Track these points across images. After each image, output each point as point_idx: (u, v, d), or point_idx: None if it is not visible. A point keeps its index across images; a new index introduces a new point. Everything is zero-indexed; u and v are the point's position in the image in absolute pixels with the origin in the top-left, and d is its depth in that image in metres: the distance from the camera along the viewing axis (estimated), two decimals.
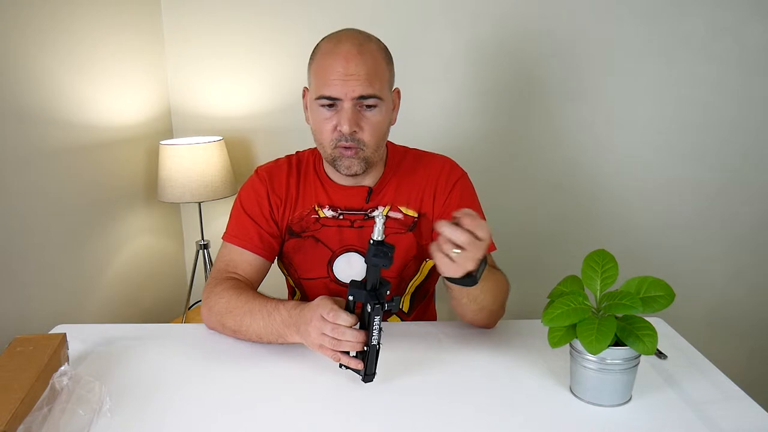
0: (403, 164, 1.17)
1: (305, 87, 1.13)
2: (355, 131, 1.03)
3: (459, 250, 0.81)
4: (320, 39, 1.09)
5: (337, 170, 1.08)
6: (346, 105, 1.02)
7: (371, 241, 0.83)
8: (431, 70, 1.85)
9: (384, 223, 0.82)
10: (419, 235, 1.15)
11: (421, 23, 1.82)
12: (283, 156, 1.22)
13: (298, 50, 1.86)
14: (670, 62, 1.79)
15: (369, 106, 1.04)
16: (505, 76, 1.85)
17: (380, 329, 0.86)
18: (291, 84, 1.89)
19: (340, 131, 1.03)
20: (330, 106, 1.03)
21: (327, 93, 1.02)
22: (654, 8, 1.76)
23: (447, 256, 0.82)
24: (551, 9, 1.78)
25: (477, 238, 0.81)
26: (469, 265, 0.84)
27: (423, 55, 1.83)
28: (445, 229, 0.81)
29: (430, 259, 1.18)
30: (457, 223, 0.82)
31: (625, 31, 1.78)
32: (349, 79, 1.00)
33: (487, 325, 1.08)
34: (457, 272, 0.85)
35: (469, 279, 0.87)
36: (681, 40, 1.78)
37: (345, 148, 1.04)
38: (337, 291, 1.15)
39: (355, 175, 1.08)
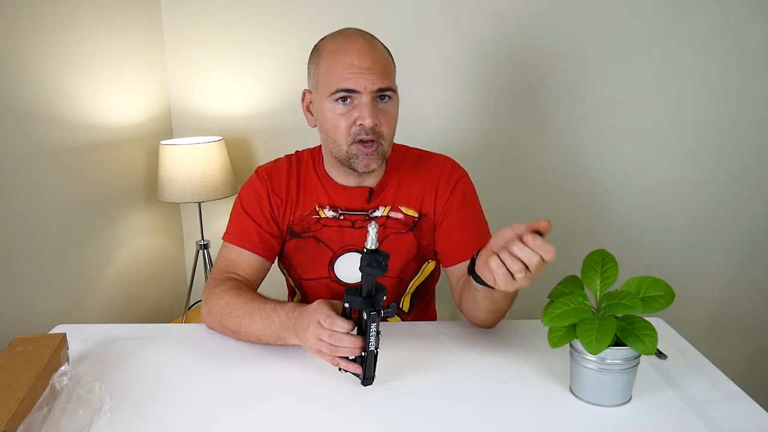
0: (403, 164, 1.17)
1: (305, 90, 1.12)
2: (376, 124, 1.03)
3: (524, 273, 0.80)
4: (319, 40, 1.09)
5: (353, 168, 1.07)
6: (365, 98, 1.02)
7: (365, 250, 0.82)
8: (431, 69, 1.85)
9: (377, 232, 0.82)
10: (420, 235, 1.15)
11: (421, 23, 1.82)
12: (282, 156, 1.22)
13: (298, 50, 1.86)
14: (670, 62, 1.79)
15: (384, 97, 1.04)
16: (505, 75, 1.85)
17: (378, 334, 0.85)
18: (291, 84, 1.89)
19: (360, 125, 1.02)
20: (344, 100, 1.03)
21: (345, 86, 1.01)
22: (654, 8, 1.76)
23: (510, 273, 0.81)
24: (551, 9, 1.78)
25: (543, 260, 0.80)
26: (525, 284, 0.82)
27: (423, 54, 1.83)
28: (517, 249, 0.79)
29: (432, 260, 1.18)
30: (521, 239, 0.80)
31: (625, 30, 1.78)
32: (367, 73, 1.01)
33: (490, 325, 1.08)
34: (513, 288, 0.83)
35: None
36: (681, 40, 1.78)
37: (364, 143, 1.04)
38: (338, 291, 1.15)
39: (371, 171, 1.08)
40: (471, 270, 0.93)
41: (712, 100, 1.82)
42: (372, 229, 0.81)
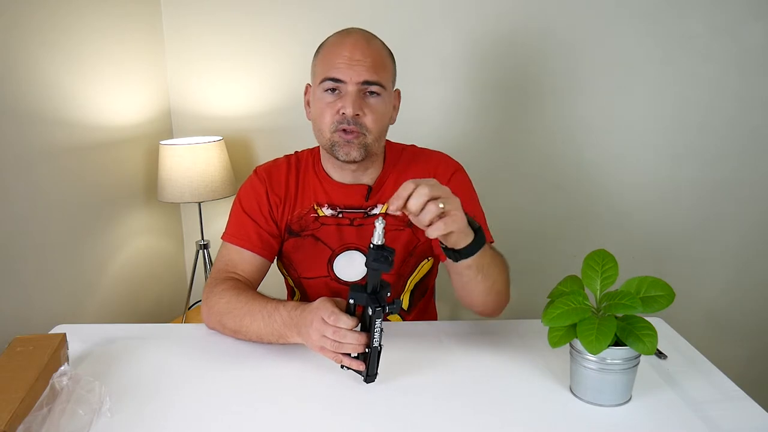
0: (400, 161, 1.18)
1: (308, 84, 1.14)
2: (358, 115, 1.04)
3: (442, 205, 0.80)
4: (323, 38, 1.11)
5: (336, 157, 1.08)
6: (351, 88, 1.04)
7: (371, 246, 0.82)
8: (431, 69, 1.85)
9: (384, 227, 0.82)
10: (417, 230, 1.14)
11: (421, 23, 1.82)
12: (282, 156, 1.22)
13: (298, 50, 1.86)
14: (670, 62, 1.79)
15: (372, 93, 1.05)
16: (505, 75, 1.85)
17: (381, 330, 0.86)
18: (291, 84, 1.89)
19: (342, 114, 1.04)
20: (333, 90, 1.05)
21: (332, 75, 1.04)
22: (653, 8, 1.76)
23: (434, 219, 0.81)
24: (550, 9, 1.78)
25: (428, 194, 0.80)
26: (460, 214, 0.82)
27: (423, 54, 1.83)
28: (407, 203, 0.80)
29: (430, 257, 1.19)
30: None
31: (624, 31, 1.78)
32: (356, 64, 1.03)
33: (494, 310, 1.05)
34: (455, 225, 0.82)
35: (474, 243, 0.87)
36: (680, 40, 1.78)
37: (345, 132, 1.05)
38: (337, 289, 1.15)
39: (353, 161, 1.08)
40: (444, 250, 0.92)
41: (711, 100, 1.81)
42: (379, 224, 0.82)
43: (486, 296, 1.01)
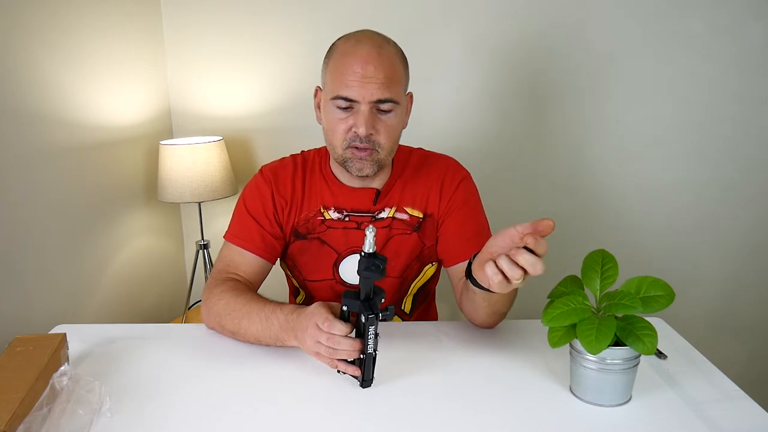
0: (408, 165, 1.17)
1: (318, 87, 1.12)
2: (371, 134, 1.03)
3: (522, 279, 0.78)
4: (335, 38, 1.09)
5: (348, 171, 1.07)
6: (363, 107, 1.01)
7: (362, 254, 0.82)
8: (431, 70, 1.85)
9: (374, 236, 0.82)
10: (423, 235, 1.15)
11: (421, 23, 1.82)
12: (286, 155, 1.21)
13: (298, 50, 1.86)
14: (670, 62, 1.79)
15: (385, 110, 1.03)
16: (504, 76, 1.85)
17: (376, 336, 0.86)
18: (290, 84, 1.89)
19: (355, 132, 1.03)
20: (345, 108, 1.03)
21: (344, 94, 1.01)
22: (654, 8, 1.76)
23: (506, 279, 0.79)
24: (550, 9, 1.78)
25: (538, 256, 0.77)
26: (521, 285, 0.81)
27: (423, 55, 1.83)
28: (520, 257, 0.77)
29: (435, 262, 1.18)
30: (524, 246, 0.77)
31: (625, 31, 1.78)
32: (368, 82, 1.00)
33: (490, 326, 1.08)
34: (509, 290, 0.82)
35: None
36: (680, 40, 1.78)
37: (358, 149, 1.04)
38: (342, 292, 1.15)
39: (366, 176, 1.07)
40: (468, 273, 0.93)
41: (711, 100, 1.82)
42: (369, 233, 0.81)
43: (487, 317, 1.04)
